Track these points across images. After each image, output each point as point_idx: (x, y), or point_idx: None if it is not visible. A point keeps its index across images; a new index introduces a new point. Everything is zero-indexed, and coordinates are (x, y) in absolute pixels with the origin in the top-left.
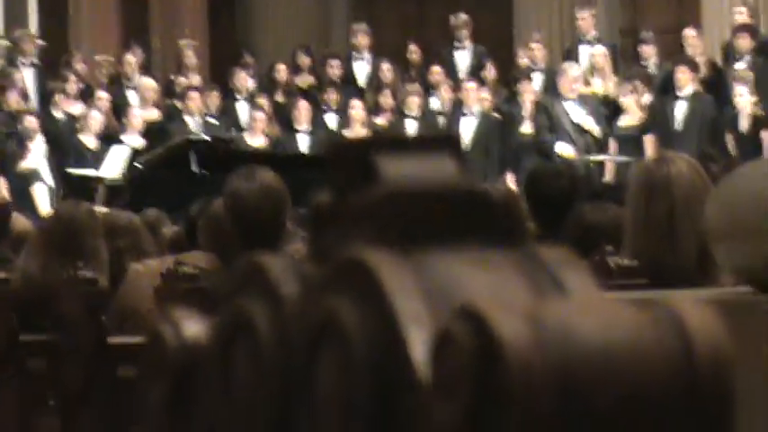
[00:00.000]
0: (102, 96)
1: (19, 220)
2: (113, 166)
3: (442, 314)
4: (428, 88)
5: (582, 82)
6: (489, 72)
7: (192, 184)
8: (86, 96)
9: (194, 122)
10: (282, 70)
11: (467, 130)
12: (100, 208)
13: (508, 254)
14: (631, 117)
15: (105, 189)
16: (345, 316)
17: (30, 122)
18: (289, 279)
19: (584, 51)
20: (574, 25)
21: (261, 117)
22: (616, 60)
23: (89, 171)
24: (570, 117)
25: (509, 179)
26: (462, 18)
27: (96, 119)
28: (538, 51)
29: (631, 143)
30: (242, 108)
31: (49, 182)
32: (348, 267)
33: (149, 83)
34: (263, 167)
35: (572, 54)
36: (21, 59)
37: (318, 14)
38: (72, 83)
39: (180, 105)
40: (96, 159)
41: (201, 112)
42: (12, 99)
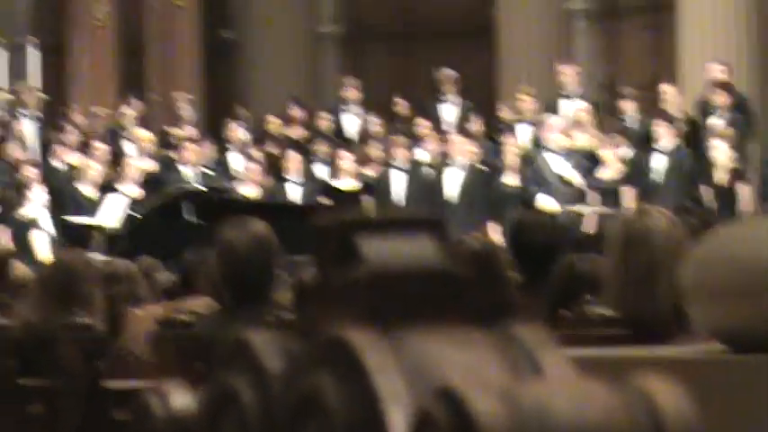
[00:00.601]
0: (99, 147)
1: (18, 267)
2: (111, 215)
3: (422, 392)
4: (415, 140)
5: (564, 134)
6: (475, 125)
7: (186, 233)
8: (84, 147)
9: (190, 173)
10: (274, 122)
11: (453, 182)
12: (98, 255)
13: (486, 333)
14: (611, 169)
15: (103, 237)
16: (328, 392)
17: (30, 172)
18: (273, 354)
19: (564, 106)
20: (555, 80)
21: (254, 168)
22: (598, 115)
23: (87, 219)
24: (552, 168)
25: (492, 229)
26: (447, 73)
27: (94, 169)
28: (525, 103)
29: (611, 195)
30: (235, 159)
31: (49, 230)
32: (331, 345)
33: (146, 134)
34: (256, 217)
35: (552, 107)
36: (22, 111)
37: (309, 68)
38: (70, 134)
39: (175, 156)
40: (94, 208)
41: (197, 163)
42: (12, 149)
